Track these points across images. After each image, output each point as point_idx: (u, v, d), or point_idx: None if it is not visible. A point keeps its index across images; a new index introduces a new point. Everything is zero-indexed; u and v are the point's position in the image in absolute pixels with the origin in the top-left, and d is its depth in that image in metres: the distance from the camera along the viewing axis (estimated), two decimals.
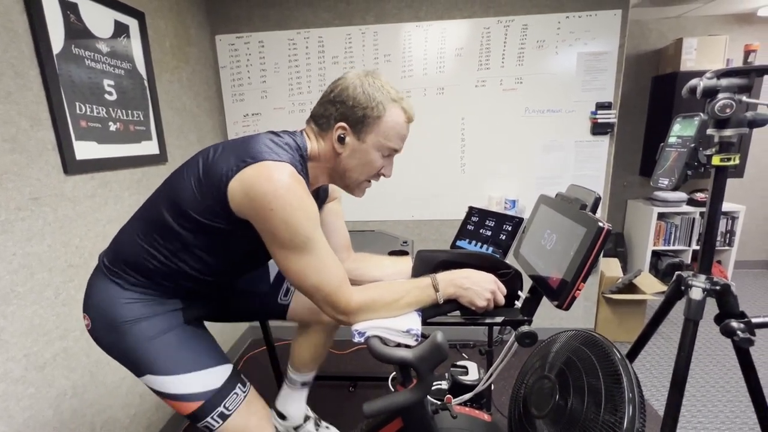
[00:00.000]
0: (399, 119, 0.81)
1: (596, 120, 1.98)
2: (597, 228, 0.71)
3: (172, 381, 0.81)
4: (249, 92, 2.11)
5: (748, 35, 2.85)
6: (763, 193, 3.14)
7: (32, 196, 1.08)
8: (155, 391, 0.83)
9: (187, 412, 0.82)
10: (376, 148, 0.81)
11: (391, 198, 2.15)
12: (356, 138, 0.80)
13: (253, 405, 0.89)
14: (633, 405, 0.69)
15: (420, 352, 0.68)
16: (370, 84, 0.79)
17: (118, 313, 0.82)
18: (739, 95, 0.85)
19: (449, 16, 1.96)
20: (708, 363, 2.01)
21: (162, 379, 0.81)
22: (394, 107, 0.80)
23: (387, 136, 0.81)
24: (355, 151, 0.81)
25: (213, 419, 0.83)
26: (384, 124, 0.79)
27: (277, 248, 0.73)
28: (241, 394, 0.87)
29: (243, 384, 0.89)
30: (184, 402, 0.81)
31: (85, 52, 1.24)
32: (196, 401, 0.81)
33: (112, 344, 0.84)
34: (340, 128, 0.79)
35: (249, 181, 0.69)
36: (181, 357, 0.83)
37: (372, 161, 0.82)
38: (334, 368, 2.09)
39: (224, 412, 0.83)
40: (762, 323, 0.91)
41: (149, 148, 1.55)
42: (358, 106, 0.78)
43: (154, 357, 0.81)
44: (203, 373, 0.83)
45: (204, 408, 0.82)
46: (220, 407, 0.83)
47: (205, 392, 0.82)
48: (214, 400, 0.83)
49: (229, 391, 0.85)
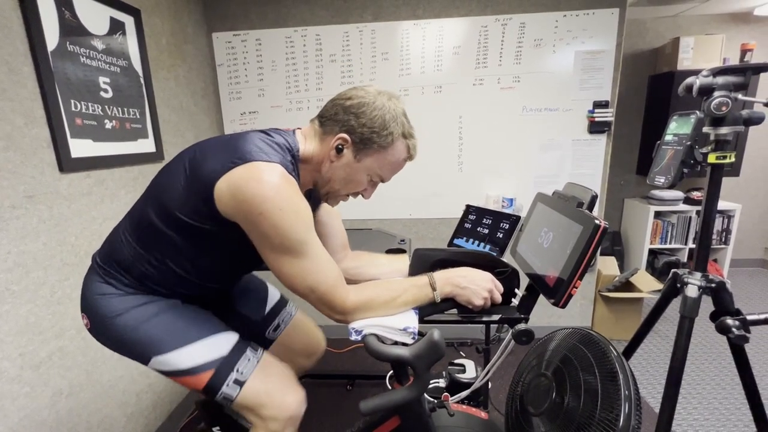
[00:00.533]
0: (400, 156, 0.82)
1: (593, 119, 1.98)
2: (593, 226, 0.71)
3: (179, 355, 0.79)
4: (246, 90, 2.10)
5: (744, 34, 2.86)
6: (758, 192, 3.16)
7: (27, 194, 1.07)
8: (166, 373, 0.81)
9: (202, 386, 0.80)
10: (367, 172, 0.81)
11: (389, 196, 2.15)
12: (353, 155, 0.79)
13: (270, 368, 0.86)
14: (629, 402, 0.69)
15: (417, 350, 0.68)
16: (390, 110, 0.77)
17: (112, 307, 0.81)
18: (734, 93, 0.85)
19: (447, 14, 1.96)
20: (703, 360, 2.03)
21: (168, 356, 0.79)
22: (402, 143, 0.80)
23: (382, 167, 0.81)
24: (348, 166, 0.80)
25: (229, 387, 0.80)
26: (385, 156, 0.79)
27: (268, 252, 0.72)
28: (253, 358, 0.84)
29: (255, 349, 0.87)
30: (196, 375, 0.79)
31: (80, 49, 1.23)
32: (208, 370, 0.79)
33: (112, 339, 0.82)
34: (341, 139, 0.78)
35: (237, 183, 0.67)
36: (181, 330, 0.81)
37: (359, 181, 0.82)
38: (332, 367, 2.09)
39: (238, 377, 0.81)
40: (757, 320, 0.92)
41: (145, 146, 1.54)
42: (369, 127, 0.76)
43: (154, 336, 0.80)
44: (208, 341, 0.81)
45: (217, 376, 0.79)
46: (233, 372, 0.80)
47: (214, 360, 0.80)
48: (225, 366, 0.80)
49: (238, 356, 0.83)
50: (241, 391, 0.81)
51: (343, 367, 2.09)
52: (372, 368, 1.97)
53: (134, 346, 0.80)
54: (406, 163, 0.86)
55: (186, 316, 0.84)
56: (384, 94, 0.79)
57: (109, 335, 0.82)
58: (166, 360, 0.79)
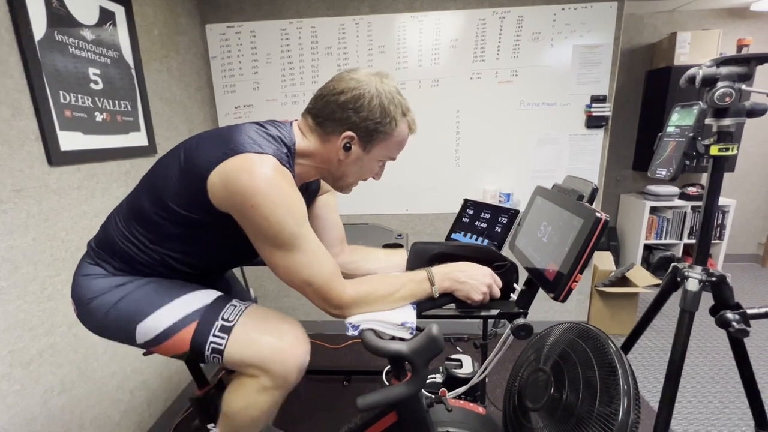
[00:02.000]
0: (405, 133, 0.82)
1: (591, 113, 1.97)
2: (594, 218, 0.70)
3: (158, 315, 0.75)
4: (240, 83, 2.07)
5: (741, 29, 2.86)
6: (752, 188, 3.18)
7: (14, 187, 1.04)
8: (151, 345, 0.77)
9: (188, 344, 0.74)
10: (377, 158, 0.82)
11: (386, 191, 2.14)
12: (362, 148, 0.78)
13: (261, 313, 0.80)
14: (628, 397, 0.68)
15: (415, 345, 0.67)
16: (386, 95, 0.75)
17: (95, 288, 0.79)
18: (738, 84, 0.84)
19: (444, 6, 1.93)
20: (701, 354, 2.04)
21: (149, 319, 0.75)
22: (403, 123, 0.80)
23: (391, 149, 0.81)
24: (359, 159, 0.80)
25: (216, 336, 0.74)
26: (392, 139, 0.79)
27: (261, 244, 0.70)
28: (239, 305, 0.80)
29: (241, 300, 0.82)
30: (179, 333, 0.74)
31: (68, 39, 1.20)
32: (191, 323, 0.74)
33: (97, 322, 0.79)
34: (347, 137, 0.76)
35: (229, 175, 0.66)
36: (160, 292, 0.78)
37: (371, 169, 0.84)
38: (328, 362, 2.08)
39: (225, 324, 0.75)
40: (757, 314, 0.91)
41: (137, 139, 1.51)
42: (371, 120, 0.75)
43: (133, 305, 0.76)
44: (188, 296, 0.78)
45: (201, 327, 0.74)
46: (218, 320, 0.75)
47: (196, 310, 0.76)
48: (208, 315, 0.75)
49: (223, 304, 0.78)
50: (229, 339, 0.74)
51: (340, 362, 2.08)
52: (369, 364, 1.96)
53: (117, 321, 0.77)
54: (407, 158, 0.85)
55: (166, 282, 0.81)
56: (373, 77, 0.76)
57: (92, 316, 0.80)
58: (149, 324, 0.75)
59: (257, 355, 0.74)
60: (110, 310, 0.77)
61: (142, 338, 0.77)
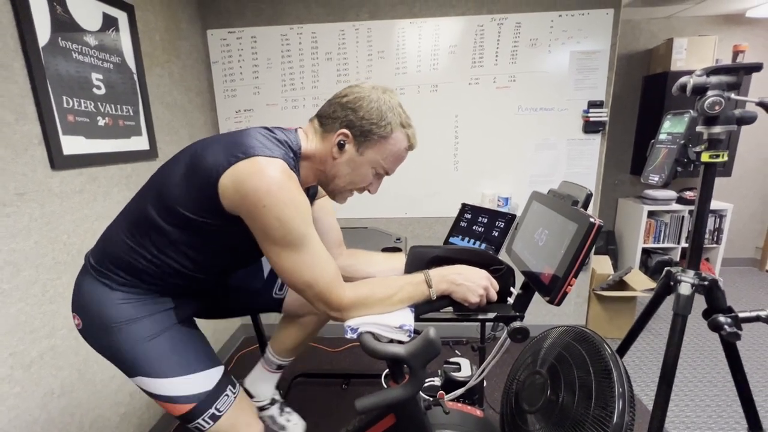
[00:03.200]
0: (402, 145, 0.82)
1: (588, 118, 1.99)
2: (588, 224, 0.71)
3: (165, 384, 0.81)
4: (241, 88, 2.09)
5: (736, 36, 2.89)
6: (749, 192, 3.20)
7: (18, 191, 1.05)
8: (147, 392, 0.83)
9: (179, 414, 0.82)
10: (371, 165, 0.82)
11: (384, 195, 2.15)
12: (356, 149, 0.79)
13: (241, 404, 0.90)
14: (623, 399, 0.70)
15: (413, 347, 0.68)
16: (385, 102, 0.78)
17: (110, 315, 0.81)
18: (728, 92, 0.86)
19: (443, 13, 1.96)
20: (695, 357, 2.05)
21: (154, 381, 0.81)
22: (401, 132, 0.81)
23: (385, 157, 0.81)
24: (351, 161, 0.80)
25: (204, 420, 0.83)
26: (387, 145, 0.80)
27: (269, 245, 0.72)
28: (231, 395, 0.88)
29: (233, 385, 0.90)
30: (176, 404, 0.81)
31: (72, 45, 1.22)
32: (189, 403, 0.82)
33: (103, 345, 0.83)
34: (342, 134, 0.78)
35: (241, 177, 0.68)
36: (173, 360, 0.83)
37: (363, 175, 0.83)
38: (327, 365, 2.08)
39: (215, 413, 0.84)
40: (748, 318, 0.93)
41: (139, 143, 1.52)
42: (367, 119, 0.77)
43: (146, 360, 0.81)
44: (195, 377, 0.83)
45: (196, 410, 0.82)
46: (212, 409, 0.84)
47: (197, 395, 0.82)
48: (205, 403, 0.83)
49: (220, 393, 0.86)
50: (213, 425, 0.84)
51: (339, 366, 2.08)
52: (367, 367, 1.97)
53: (124, 360, 0.82)
54: (405, 161, 0.87)
55: (180, 345, 0.85)
56: (378, 88, 0.81)
57: (101, 341, 0.83)
58: (151, 383, 0.81)
59: None
60: (124, 347, 0.81)
61: (140, 384, 0.83)
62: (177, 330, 0.86)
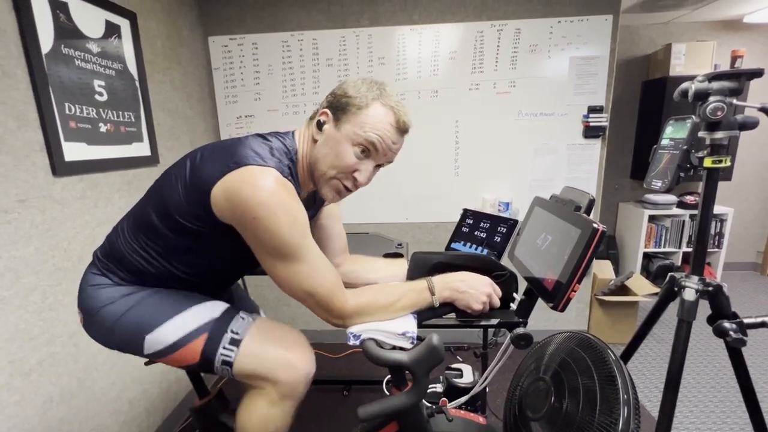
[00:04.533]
0: (382, 117, 0.75)
1: (588, 123, 2.00)
2: (591, 229, 0.71)
3: (169, 327, 0.77)
4: (242, 94, 2.10)
5: (734, 41, 2.91)
6: (750, 196, 3.20)
7: (19, 198, 1.05)
8: (162, 354, 0.78)
9: (198, 356, 0.77)
10: (350, 140, 0.74)
11: (386, 200, 2.15)
12: (334, 125, 0.76)
13: (268, 326, 0.82)
14: (628, 406, 0.69)
15: (416, 354, 0.68)
16: (366, 83, 0.77)
17: (100, 297, 0.80)
18: (729, 98, 0.86)
19: (442, 19, 1.97)
20: (700, 363, 2.03)
21: (159, 331, 0.77)
22: (381, 107, 0.75)
23: (363, 128, 0.74)
24: (329, 138, 0.76)
25: (226, 349, 0.76)
26: (363, 116, 0.74)
27: (263, 255, 0.71)
28: (247, 317, 0.82)
29: (249, 312, 0.84)
30: (190, 344, 0.76)
31: (75, 52, 1.22)
32: (200, 336, 0.77)
33: (103, 330, 0.80)
34: (323, 114, 0.78)
35: (232, 188, 0.67)
36: (169, 304, 0.79)
37: (342, 153, 0.75)
38: (328, 372, 2.07)
39: (234, 337, 0.77)
40: (754, 323, 0.92)
41: (140, 149, 1.52)
42: (343, 95, 0.76)
43: (142, 316, 0.78)
44: (197, 308, 0.80)
45: (211, 339, 0.76)
46: (228, 333, 0.78)
47: (206, 323, 0.78)
48: (217, 328, 0.78)
49: (231, 317, 0.80)
50: (239, 351, 0.76)
51: (340, 372, 2.07)
52: (369, 374, 1.95)
53: (125, 332, 0.78)
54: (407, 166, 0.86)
55: (173, 294, 0.82)
56: (367, 78, 0.80)
57: (99, 326, 0.80)
58: (158, 336, 0.77)
59: (266, 366, 0.77)
60: (118, 320, 0.78)
61: (151, 349, 0.78)
62: (168, 290, 0.83)
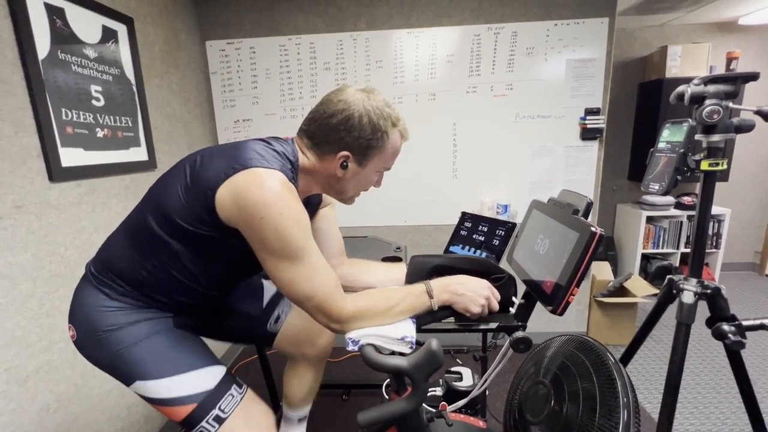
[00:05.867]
0: (398, 143, 0.83)
1: (585, 125, 2.00)
2: (590, 233, 0.71)
3: (162, 384, 0.78)
4: (240, 98, 2.10)
5: (730, 43, 2.93)
6: (747, 197, 3.21)
7: (15, 204, 1.05)
8: (146, 399, 0.80)
9: (181, 418, 0.79)
10: (375, 170, 0.84)
11: (384, 203, 2.15)
12: (358, 164, 0.81)
13: (252, 409, 0.85)
14: (628, 409, 0.69)
15: (415, 360, 0.67)
16: (374, 111, 0.77)
17: (102, 321, 0.79)
18: (725, 101, 0.87)
19: (440, 23, 1.97)
20: (699, 365, 2.03)
21: (151, 384, 0.78)
22: (395, 133, 0.81)
23: (386, 160, 0.84)
24: (356, 174, 0.82)
25: (208, 423, 0.79)
26: (385, 151, 0.81)
27: (267, 257, 0.71)
28: (237, 395, 0.83)
29: (239, 386, 0.86)
30: (176, 407, 0.78)
31: (71, 58, 1.22)
32: (189, 404, 0.78)
33: (97, 354, 0.81)
34: (343, 157, 0.79)
35: (239, 189, 0.67)
36: (170, 359, 0.80)
37: (369, 182, 0.87)
38: (327, 376, 2.05)
39: (220, 414, 0.80)
40: (752, 326, 0.92)
41: (138, 154, 1.52)
42: (364, 138, 0.77)
43: (141, 361, 0.78)
44: (195, 374, 0.80)
45: (198, 411, 0.78)
46: (215, 409, 0.79)
47: (197, 394, 0.79)
48: (208, 402, 0.79)
49: (223, 392, 0.82)
50: (219, 429, 0.80)
51: (339, 376, 2.06)
52: (368, 377, 1.95)
53: (119, 366, 0.79)
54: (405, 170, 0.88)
55: (177, 344, 0.83)
56: (360, 92, 0.78)
57: (95, 350, 0.80)
58: (149, 386, 0.78)
59: None
60: (117, 351, 0.78)
61: (137, 390, 0.80)
62: (173, 332, 0.83)
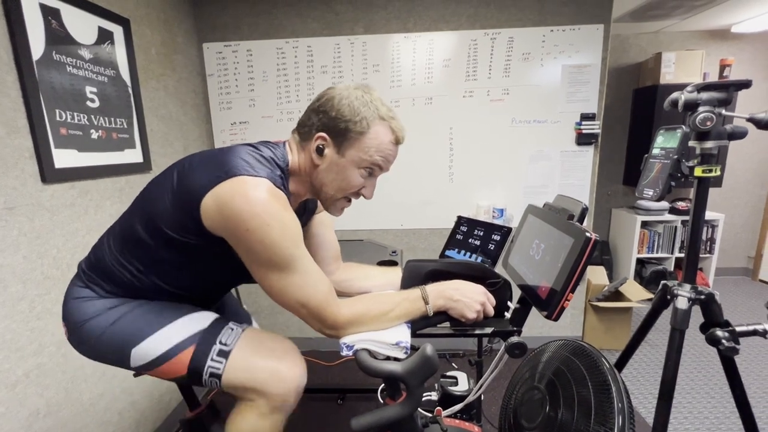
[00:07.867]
0: (384, 138, 0.76)
1: (581, 131, 2.02)
2: (585, 238, 0.71)
3: (156, 339, 0.75)
4: (236, 100, 2.09)
5: (723, 50, 2.96)
6: (740, 202, 3.24)
7: (7, 205, 1.04)
8: (149, 367, 0.76)
9: (185, 368, 0.75)
10: (356, 165, 0.76)
11: (380, 207, 2.15)
12: (336, 151, 0.76)
13: (258, 336, 0.80)
14: (622, 415, 0.69)
15: (409, 365, 0.67)
16: (358, 98, 0.75)
17: (87, 311, 0.78)
18: (718, 108, 0.88)
19: (437, 28, 1.99)
20: (694, 369, 2.04)
21: (145, 344, 0.75)
22: (381, 125, 0.75)
23: (369, 152, 0.75)
24: (333, 164, 0.76)
25: (214, 361, 0.74)
26: (366, 141, 0.75)
27: (255, 267, 0.70)
28: (237, 328, 0.80)
29: (239, 323, 0.82)
30: (177, 356, 0.74)
31: (66, 59, 1.21)
32: (188, 347, 0.75)
33: (89, 343, 0.78)
34: (319, 138, 0.76)
35: (223, 198, 0.65)
36: (155, 315, 0.77)
37: (349, 178, 0.77)
38: (322, 380, 2.05)
39: (223, 348, 0.75)
40: (745, 332, 0.93)
41: (132, 156, 1.51)
42: (340, 118, 0.74)
43: (128, 329, 0.75)
44: (186, 319, 0.77)
45: (198, 352, 0.74)
46: (216, 344, 0.75)
47: (193, 335, 0.76)
48: (206, 338, 0.76)
49: (220, 328, 0.78)
50: (227, 363, 0.74)
51: (334, 380, 2.05)
52: (363, 382, 1.94)
53: (110, 345, 0.76)
54: (401, 173, 0.85)
55: (161, 304, 0.80)
56: (352, 86, 0.77)
57: (84, 340, 0.78)
58: (144, 349, 0.75)
59: (256, 378, 0.75)
60: (104, 333, 0.76)
61: (137, 362, 0.76)
62: (153, 302, 0.80)
